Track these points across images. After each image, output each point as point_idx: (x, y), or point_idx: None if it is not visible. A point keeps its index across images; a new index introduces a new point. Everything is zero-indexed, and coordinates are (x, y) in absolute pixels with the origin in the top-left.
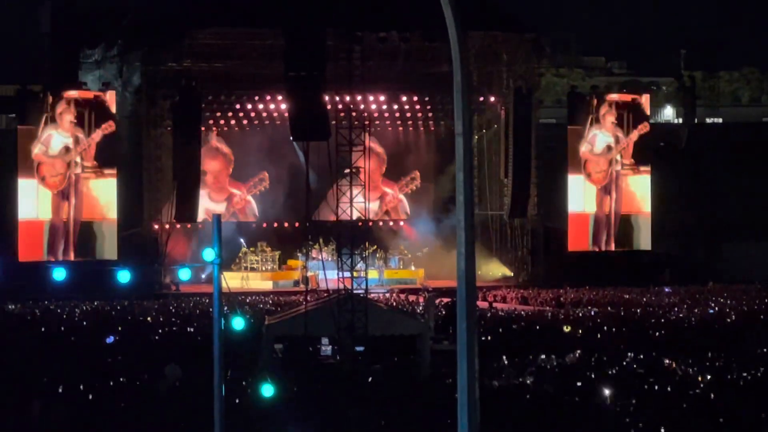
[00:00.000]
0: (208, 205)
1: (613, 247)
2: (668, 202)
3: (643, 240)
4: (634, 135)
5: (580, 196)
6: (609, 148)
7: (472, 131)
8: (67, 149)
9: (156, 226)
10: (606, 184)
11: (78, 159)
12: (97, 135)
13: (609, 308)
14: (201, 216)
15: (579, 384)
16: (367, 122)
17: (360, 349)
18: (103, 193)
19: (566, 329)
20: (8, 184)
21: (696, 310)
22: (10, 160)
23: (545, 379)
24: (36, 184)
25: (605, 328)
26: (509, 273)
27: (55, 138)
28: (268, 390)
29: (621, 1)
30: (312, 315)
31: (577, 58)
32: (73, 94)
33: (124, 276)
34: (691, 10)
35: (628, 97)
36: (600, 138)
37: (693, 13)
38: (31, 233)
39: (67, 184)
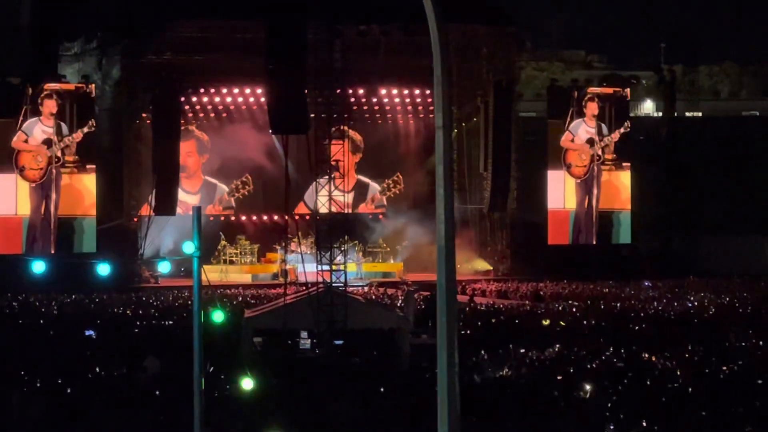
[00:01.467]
0: (180, 196)
1: (593, 242)
2: (648, 195)
3: (623, 234)
4: (616, 135)
5: (560, 191)
6: (591, 141)
7: (453, 124)
8: (49, 142)
9: (135, 219)
10: (586, 180)
11: (59, 154)
12: (78, 136)
13: (588, 302)
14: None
15: (558, 378)
16: (346, 116)
17: (339, 342)
18: (83, 188)
19: (545, 323)
20: None
21: (675, 304)
22: None
23: (524, 373)
24: (15, 178)
25: (585, 322)
26: (489, 267)
27: (37, 128)
28: (247, 383)
29: None
30: (291, 308)
31: (556, 52)
32: (53, 86)
33: (104, 269)
34: (670, 3)
35: (609, 90)
36: (582, 129)
37: (673, 7)
38: (10, 230)
39: (47, 179)
